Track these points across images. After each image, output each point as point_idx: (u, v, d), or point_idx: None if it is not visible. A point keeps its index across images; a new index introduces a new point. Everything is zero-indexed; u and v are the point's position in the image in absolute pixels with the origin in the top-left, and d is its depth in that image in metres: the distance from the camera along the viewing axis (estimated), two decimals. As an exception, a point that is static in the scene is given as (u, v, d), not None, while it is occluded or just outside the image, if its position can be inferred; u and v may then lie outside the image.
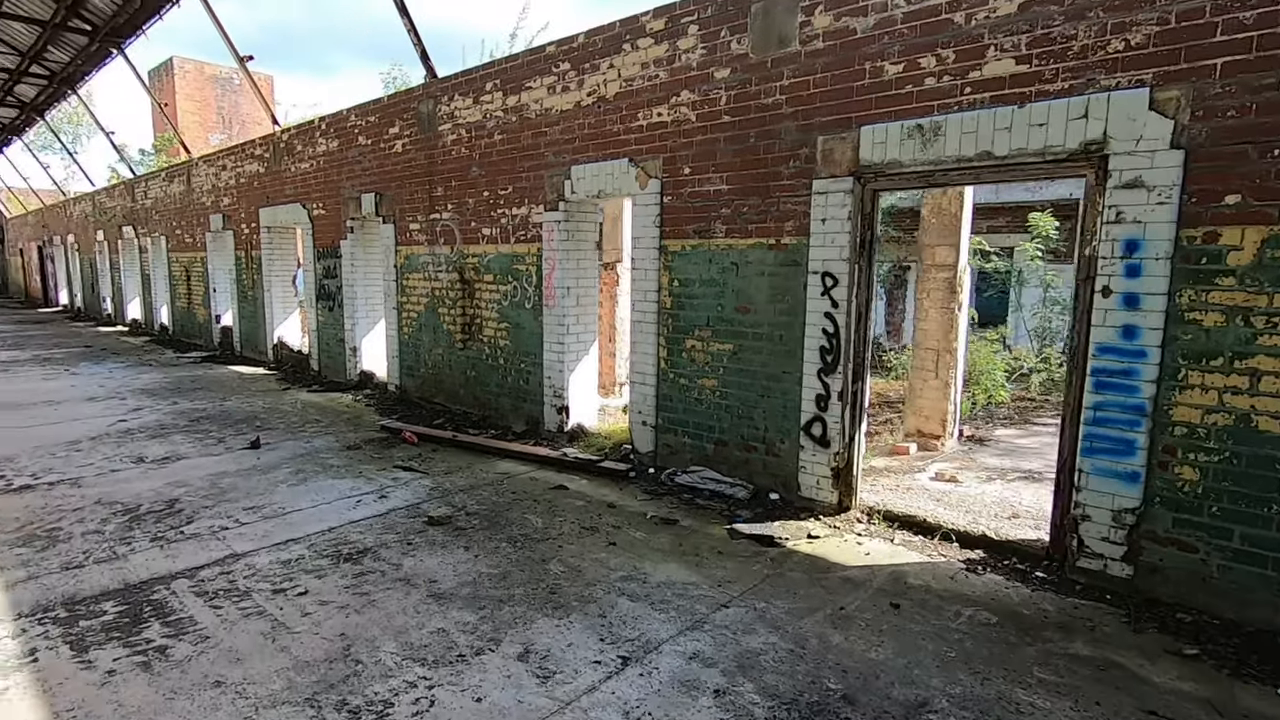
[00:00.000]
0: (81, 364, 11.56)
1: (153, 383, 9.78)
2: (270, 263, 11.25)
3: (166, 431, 7.00)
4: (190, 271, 14.26)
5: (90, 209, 20.25)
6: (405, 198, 8.22)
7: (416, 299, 8.24)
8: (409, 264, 8.29)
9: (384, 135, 8.43)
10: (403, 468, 5.83)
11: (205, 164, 13.09)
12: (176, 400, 8.55)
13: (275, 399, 8.75)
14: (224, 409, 8.11)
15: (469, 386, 7.64)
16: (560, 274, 6.42)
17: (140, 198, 16.47)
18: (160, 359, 12.27)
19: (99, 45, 13.44)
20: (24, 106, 18.77)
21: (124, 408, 8.10)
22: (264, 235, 11.26)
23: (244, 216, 11.88)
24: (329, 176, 9.55)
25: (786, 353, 4.87)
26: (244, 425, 7.32)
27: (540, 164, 6.52)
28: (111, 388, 9.36)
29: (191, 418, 7.63)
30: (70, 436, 6.77)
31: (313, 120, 9.76)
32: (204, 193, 13.25)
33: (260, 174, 11.23)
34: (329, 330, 9.97)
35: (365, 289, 9.37)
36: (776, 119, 4.79)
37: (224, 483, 5.41)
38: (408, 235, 8.26)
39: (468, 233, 7.43)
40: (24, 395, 8.81)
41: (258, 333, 11.90)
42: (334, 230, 9.58)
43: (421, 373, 8.31)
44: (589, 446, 6.33)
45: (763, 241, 4.94)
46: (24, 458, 6.06)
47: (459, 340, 7.69)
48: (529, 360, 6.87)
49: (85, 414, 7.76)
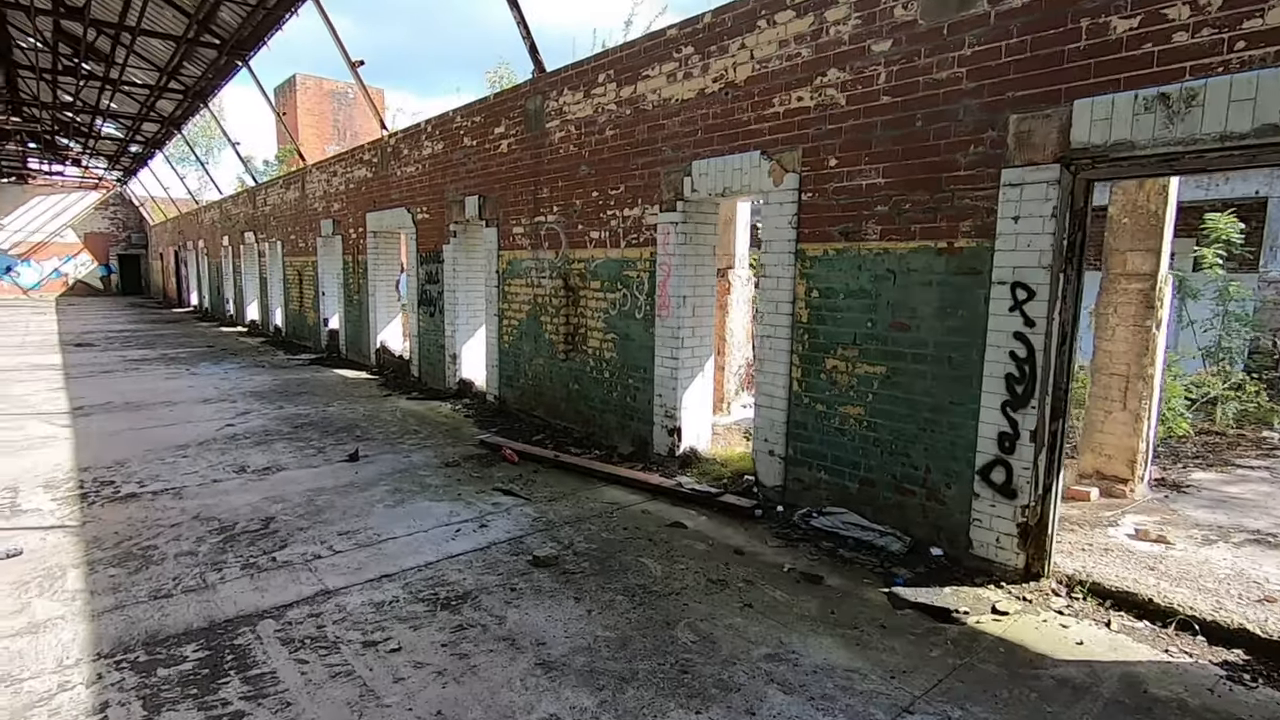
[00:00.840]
0: (201, 364, 12.00)
1: (262, 385, 9.92)
2: (375, 267, 11.28)
3: (270, 439, 6.89)
4: (302, 275, 14.69)
5: (218, 216, 21.54)
6: (509, 200, 7.85)
7: (518, 306, 7.85)
8: (511, 269, 7.91)
9: (489, 135, 8.11)
10: (503, 491, 5.36)
11: (318, 171, 13.40)
12: (282, 405, 8.54)
13: (376, 406, 8.60)
14: (326, 415, 8.00)
15: (571, 401, 7.14)
16: (676, 281, 5.79)
17: (260, 205, 17.24)
18: (272, 360, 12.60)
19: (226, 58, 14.08)
20: (164, 121, 20.17)
21: (233, 411, 8.14)
22: (370, 240, 11.30)
23: (352, 222, 12.00)
24: (433, 180, 9.37)
25: (958, 379, 4.02)
26: (344, 434, 7.12)
27: (656, 160, 5.93)
28: (225, 390, 9.53)
29: (295, 424, 7.53)
30: (180, 440, 6.75)
31: (419, 124, 9.63)
32: (316, 199, 13.57)
33: (368, 179, 11.29)
34: (429, 336, 9.80)
35: (466, 295, 9.11)
36: (953, 96, 3.96)
37: (321, 500, 5.10)
38: (511, 239, 7.88)
39: (574, 236, 6.95)
40: (146, 395, 9.08)
41: (362, 337, 11.99)
42: (437, 235, 9.39)
43: (521, 383, 7.90)
44: (704, 474, 5.66)
45: (929, 245, 4.12)
46: (135, 462, 6.02)
47: (561, 351, 7.21)
48: (637, 375, 6.28)
49: (197, 416, 7.83)
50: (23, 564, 3.98)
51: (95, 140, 24.87)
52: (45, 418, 7.66)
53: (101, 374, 10.82)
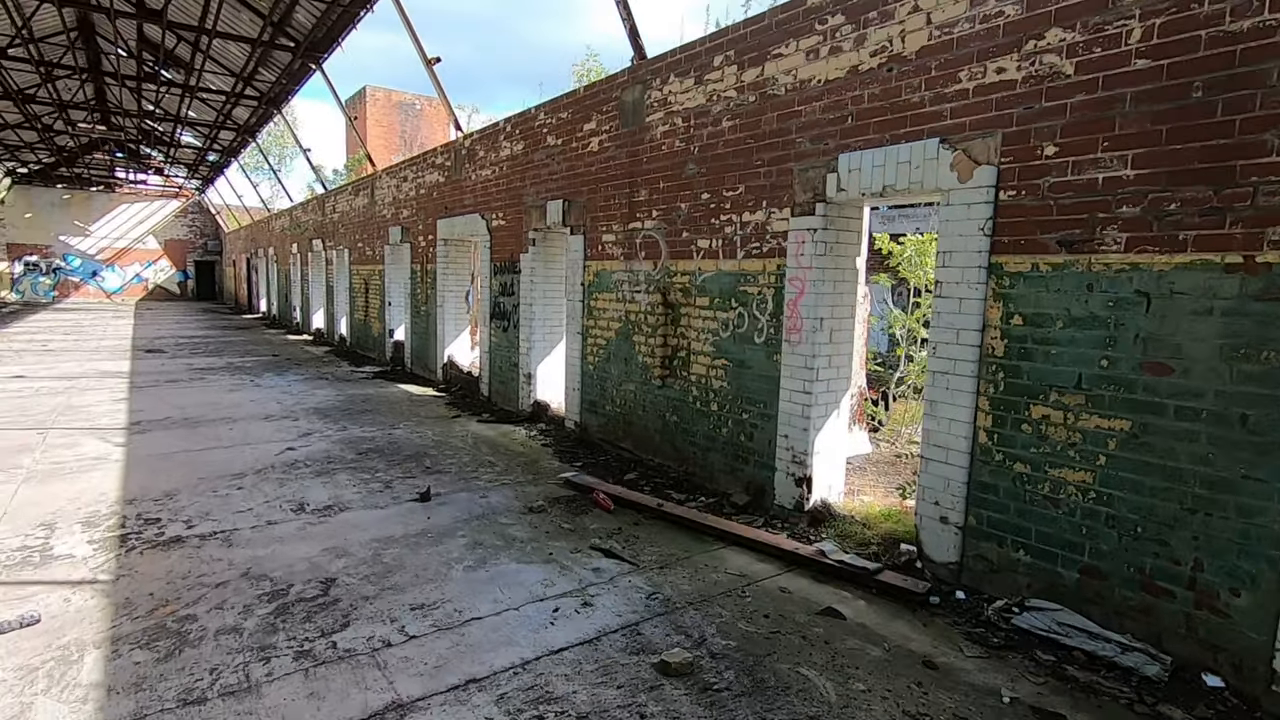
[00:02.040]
0: (265, 375, 11.58)
1: (326, 401, 9.32)
2: (445, 277, 10.63)
3: (332, 467, 6.16)
4: (369, 284, 14.25)
5: (287, 223, 21.59)
6: (599, 204, 7.00)
7: (606, 323, 6.97)
8: (599, 282, 7.04)
9: (576, 133, 7.29)
10: (602, 550, 4.43)
11: (388, 176, 12.93)
12: (346, 425, 7.88)
13: (444, 429, 7.84)
14: (392, 439, 7.27)
15: (667, 434, 6.20)
16: (811, 299, 4.79)
17: (329, 212, 17.00)
18: (336, 372, 12.11)
19: (300, 62, 13.83)
20: (239, 129, 20.34)
21: (295, 431, 7.50)
22: (440, 248, 10.67)
23: (422, 229, 11.42)
24: (511, 183, 8.63)
25: (1256, 447, 2.89)
26: (412, 464, 6.35)
27: (788, 154, 4.95)
28: (287, 405, 8.96)
29: (359, 449, 6.81)
30: (236, 467, 6.09)
31: (497, 123, 8.92)
32: (385, 205, 13.10)
33: (440, 184, 10.67)
34: (502, 353, 9.03)
35: (544, 309, 8.30)
36: (1256, 56, 2.87)
37: (389, 556, 4.28)
38: (599, 248, 7.02)
39: (676, 245, 6.03)
40: (207, 409, 8.57)
41: (428, 350, 11.36)
42: (514, 243, 8.63)
43: (607, 410, 7.01)
44: (843, 536, 4.62)
45: (1209, 259, 3.02)
46: (185, 494, 5.36)
47: (657, 376, 6.28)
48: (755, 409, 5.29)
49: (256, 436, 7.21)
50: (38, 637, 3.25)
51: (175, 149, 25.47)
52: (102, 434, 7.16)
53: (166, 383, 10.47)
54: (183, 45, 15.90)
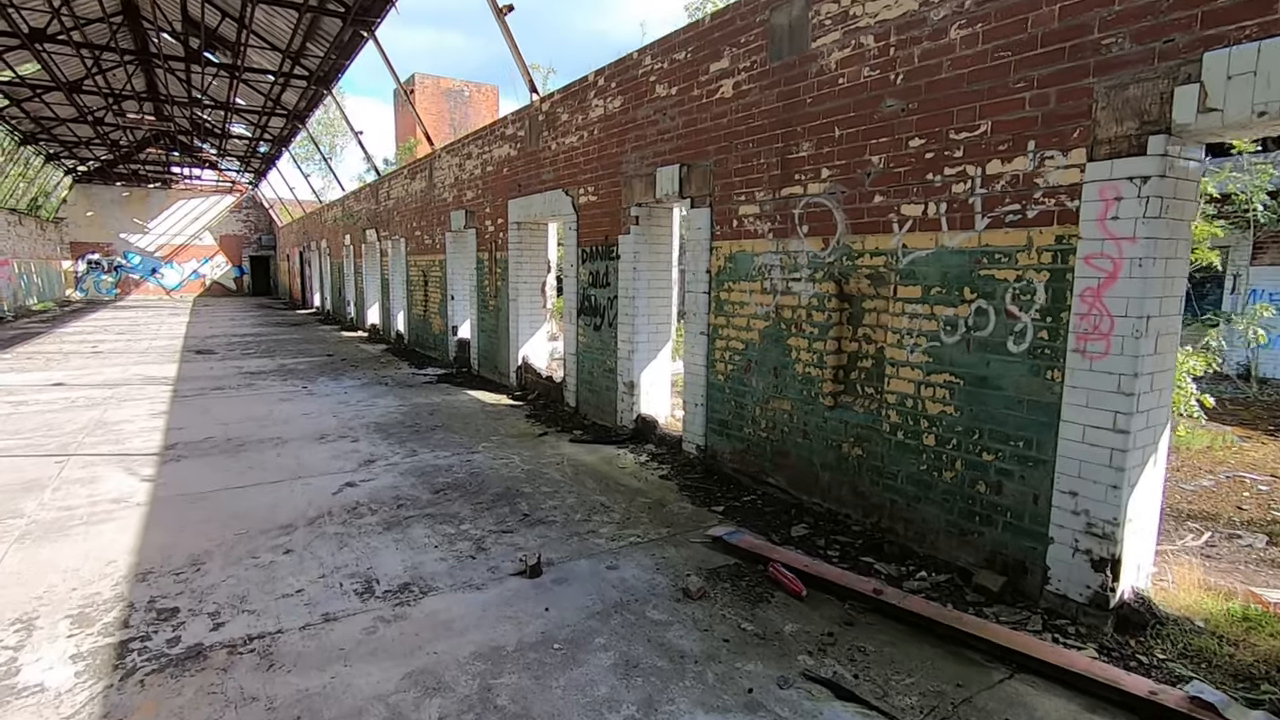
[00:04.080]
0: (320, 379, 10.37)
1: (388, 414, 7.99)
2: (518, 266, 9.18)
3: (405, 514, 4.75)
4: (428, 276, 12.96)
5: (340, 214, 20.60)
6: (732, 167, 5.39)
7: (744, 322, 5.37)
8: (733, 268, 5.45)
9: (699, 76, 5.68)
10: (826, 683, 2.86)
11: (449, 154, 11.56)
12: (415, 448, 6.49)
13: (532, 452, 6.39)
14: (473, 468, 5.84)
15: (844, 471, 4.58)
16: (1132, 289, 3.09)
17: (383, 199, 15.82)
18: (396, 376, 10.83)
19: (351, 30, 12.55)
20: (289, 114, 19.39)
21: (355, 458, 6.14)
22: (512, 233, 9.22)
23: (489, 211, 10.00)
24: (604, 150, 7.08)
25: None
26: (504, 507, 4.90)
27: (1083, 65, 3.24)
28: (344, 420, 7.65)
29: (434, 485, 5.39)
30: (284, 515, 4.73)
31: (585, 77, 7.36)
32: (445, 187, 11.74)
33: (512, 158, 9.20)
34: (593, 356, 7.53)
35: (650, 302, 6.76)
36: None
37: (504, 692, 2.79)
38: (733, 224, 5.42)
39: (861, 215, 4.38)
40: (254, 425, 7.32)
41: (499, 350, 9.96)
42: (608, 222, 7.09)
43: (745, 433, 5.42)
44: (1197, 658, 2.94)
45: None
46: (217, 562, 4.00)
47: (827, 392, 4.66)
48: (1007, 449, 3.62)
49: (309, 466, 5.87)
50: None
51: (226, 140, 24.82)
52: (129, 464, 5.93)
53: (213, 391, 9.33)
54: (227, 24, 14.85)
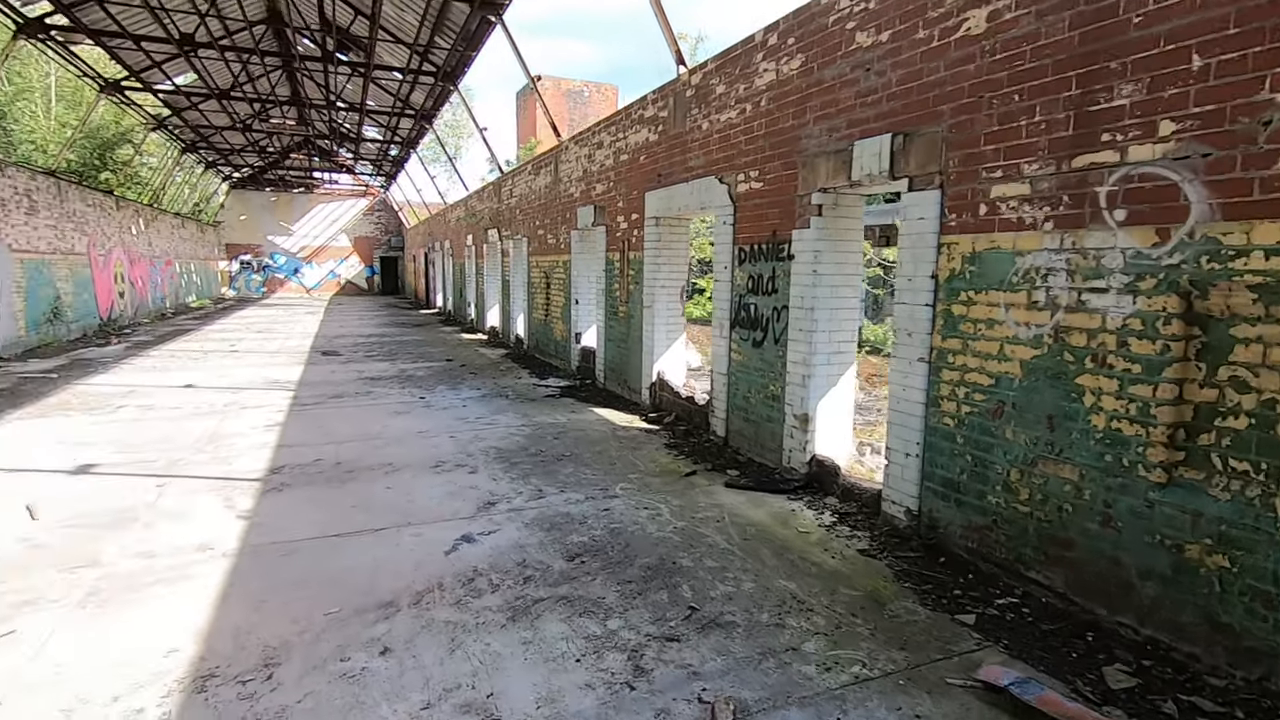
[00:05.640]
0: (438, 388, 9.67)
1: (509, 436, 7.01)
2: (655, 268, 7.98)
3: (533, 598, 3.60)
4: (550, 278, 12.10)
5: (463, 214, 20.44)
6: (980, 131, 3.87)
7: (991, 346, 3.84)
8: (976, 272, 3.92)
9: (928, 13, 4.19)
10: None
11: (576, 145, 10.58)
12: (541, 486, 5.40)
13: (682, 500, 5.12)
14: (612, 523, 4.66)
15: (1188, 587, 2.96)
16: None
17: (505, 197, 15.22)
18: (516, 386, 9.96)
19: (479, 17, 11.89)
20: (416, 114, 19.38)
21: (472, 498, 5.13)
22: (649, 230, 8.04)
23: (622, 206, 8.88)
24: (774, 124, 5.71)
25: None
26: (660, 592, 3.66)
27: None
28: (462, 442, 6.74)
29: (567, 548, 4.24)
30: (385, 587, 3.72)
31: (750, 37, 6.02)
32: (572, 181, 10.78)
33: (650, 144, 8.02)
34: (751, 378, 6.17)
35: (833, 315, 5.33)
36: None
37: None
38: (979, 211, 3.90)
39: (1239, 191, 2.76)
40: (366, 446, 6.55)
41: (628, 362, 8.82)
42: (776, 215, 5.72)
43: (989, 503, 3.88)
44: None
45: None
46: (295, 662, 3.00)
47: (1156, 461, 3.06)
48: None
49: (420, 508, 4.91)
50: None
51: (360, 143, 25.56)
52: (228, 491, 5.22)
53: (330, 399, 8.80)
54: (359, 22, 14.75)
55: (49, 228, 14.41)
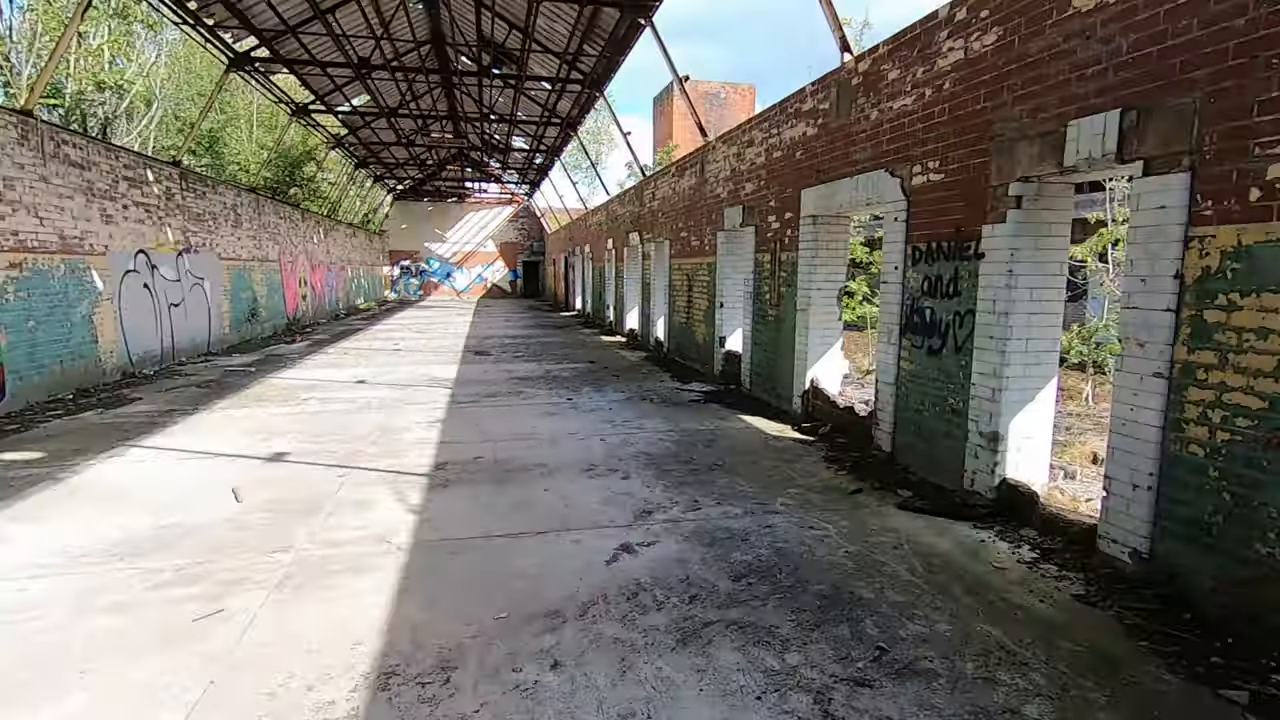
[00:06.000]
0: (584, 390, 9.79)
1: (658, 441, 6.89)
2: (810, 269, 7.55)
3: (702, 621, 3.39)
4: (693, 281, 11.93)
5: (603, 218, 20.84)
6: (1254, 99, 3.18)
7: (1265, 361, 3.14)
8: (1242, 271, 3.23)
9: (1176, -37, 3.53)
10: None
11: (724, 144, 10.33)
12: (696, 497, 5.20)
13: (851, 521, 4.72)
14: (776, 541, 4.35)
15: None
16: None
17: (647, 200, 15.27)
18: (659, 390, 9.87)
19: (629, 22, 11.98)
20: (562, 123, 20.00)
21: (628, 505, 5.02)
22: (804, 229, 7.62)
23: (774, 205, 8.52)
24: (960, 108, 5.14)
25: None
26: (840, 624, 3.31)
27: None
28: (612, 445, 6.69)
29: (732, 567, 3.99)
30: (552, 592, 3.65)
31: (933, 14, 5.47)
32: (719, 182, 10.54)
33: (808, 139, 7.61)
34: (926, 389, 5.62)
35: (1031, 323, 4.69)
36: None
37: None
38: (1248, 198, 3.20)
39: None
40: (521, 445, 6.68)
41: (778, 368, 8.43)
42: (962, 209, 5.15)
43: (1256, 553, 3.17)
44: None
45: None
46: (470, 666, 2.98)
47: None
48: None
49: (578, 513, 4.86)
50: None
51: (508, 153, 26.84)
52: (399, 485, 5.47)
53: (485, 398, 9.15)
54: (513, 37, 15.40)
55: (249, 238, 16.28)
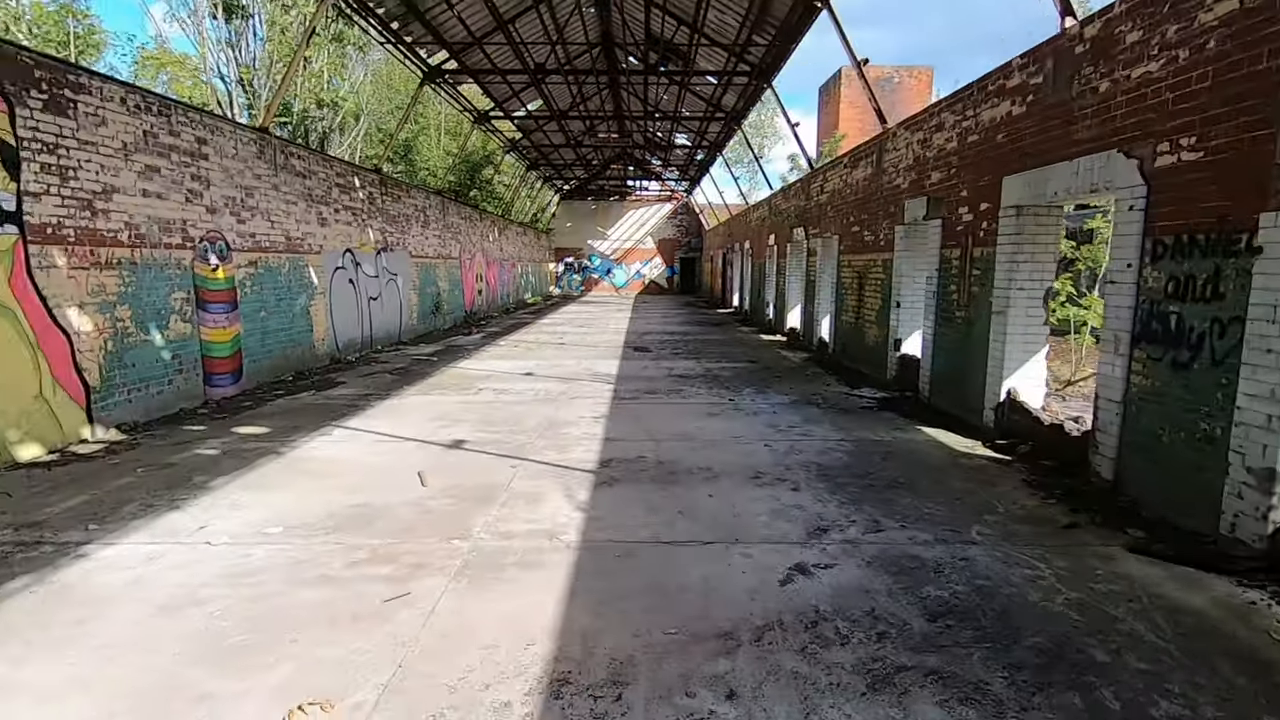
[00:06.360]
0: (745, 390, 9.50)
1: (829, 451, 6.44)
2: (1011, 267, 6.69)
3: (893, 665, 3.00)
4: (864, 278, 11.17)
5: (765, 213, 20.30)
6: None
7: None
8: None
9: None
10: None
11: (907, 131, 9.52)
12: (876, 517, 4.74)
13: (1069, 562, 4.03)
14: (976, 578, 3.82)
15: None
16: None
17: (814, 194, 14.59)
18: (827, 395, 9.32)
19: (803, 7, 11.44)
20: (726, 117, 19.72)
21: (800, 519, 4.68)
22: (1005, 221, 6.77)
23: (965, 196, 7.68)
24: (1231, 70, 4.21)
25: None
26: (1068, 691, 2.79)
27: None
28: (779, 453, 6.36)
29: (925, 603, 3.54)
30: (722, 611, 3.44)
31: (1193, -41, 4.54)
32: (898, 172, 9.74)
33: (1012, 119, 6.74)
34: (1167, 409, 4.71)
35: (1334, 333, 3.73)
36: None
37: None
38: None
39: None
40: (684, 446, 6.54)
41: (965, 375, 7.60)
42: (1227, 194, 4.23)
43: None
44: None
45: None
46: (640, 683, 2.84)
47: None
48: None
49: (746, 523, 4.61)
50: None
51: (670, 151, 27.02)
52: (567, 480, 5.53)
53: (645, 395, 9.16)
54: (680, 32, 15.36)
55: (435, 237, 17.70)
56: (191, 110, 8.48)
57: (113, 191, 7.01)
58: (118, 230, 7.08)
